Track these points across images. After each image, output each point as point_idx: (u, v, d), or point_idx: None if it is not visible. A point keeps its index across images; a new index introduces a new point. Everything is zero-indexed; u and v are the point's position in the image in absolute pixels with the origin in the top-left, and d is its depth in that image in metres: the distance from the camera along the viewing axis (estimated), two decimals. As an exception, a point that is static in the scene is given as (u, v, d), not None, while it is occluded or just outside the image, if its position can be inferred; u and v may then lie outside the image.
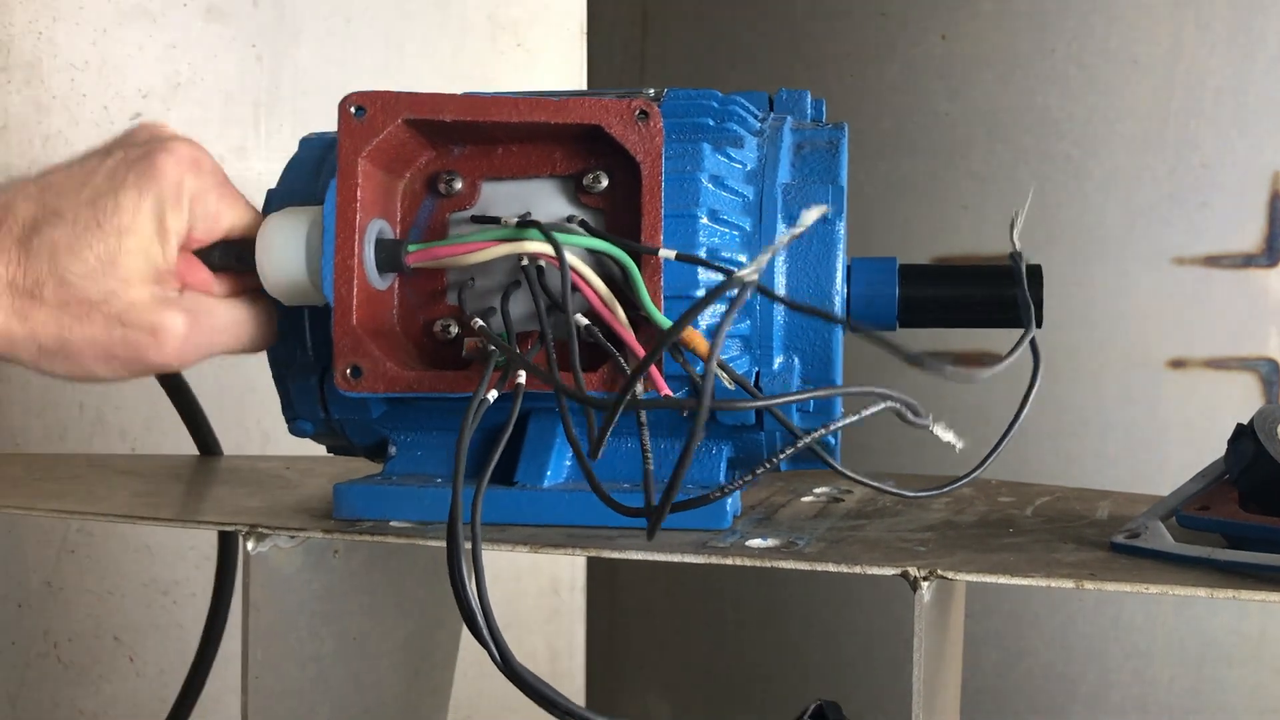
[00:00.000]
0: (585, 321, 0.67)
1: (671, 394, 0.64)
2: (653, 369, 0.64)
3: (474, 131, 0.71)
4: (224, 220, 0.69)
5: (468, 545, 0.58)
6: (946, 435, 0.62)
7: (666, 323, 0.65)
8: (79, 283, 0.63)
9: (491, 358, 0.66)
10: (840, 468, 0.65)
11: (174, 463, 1.03)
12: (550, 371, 0.65)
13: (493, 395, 0.64)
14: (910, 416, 0.61)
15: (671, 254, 0.66)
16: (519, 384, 0.65)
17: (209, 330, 0.68)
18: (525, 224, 0.67)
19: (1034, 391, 0.68)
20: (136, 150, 0.66)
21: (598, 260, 0.68)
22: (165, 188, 0.65)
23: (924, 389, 1.25)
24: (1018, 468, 1.17)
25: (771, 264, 0.70)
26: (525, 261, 0.67)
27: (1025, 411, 0.67)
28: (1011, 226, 0.71)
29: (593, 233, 0.68)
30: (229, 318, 0.70)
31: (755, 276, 0.58)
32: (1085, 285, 1.18)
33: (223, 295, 0.71)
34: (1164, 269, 1.16)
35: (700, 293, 0.68)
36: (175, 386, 1.04)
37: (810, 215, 0.60)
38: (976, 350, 1.12)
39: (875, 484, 0.66)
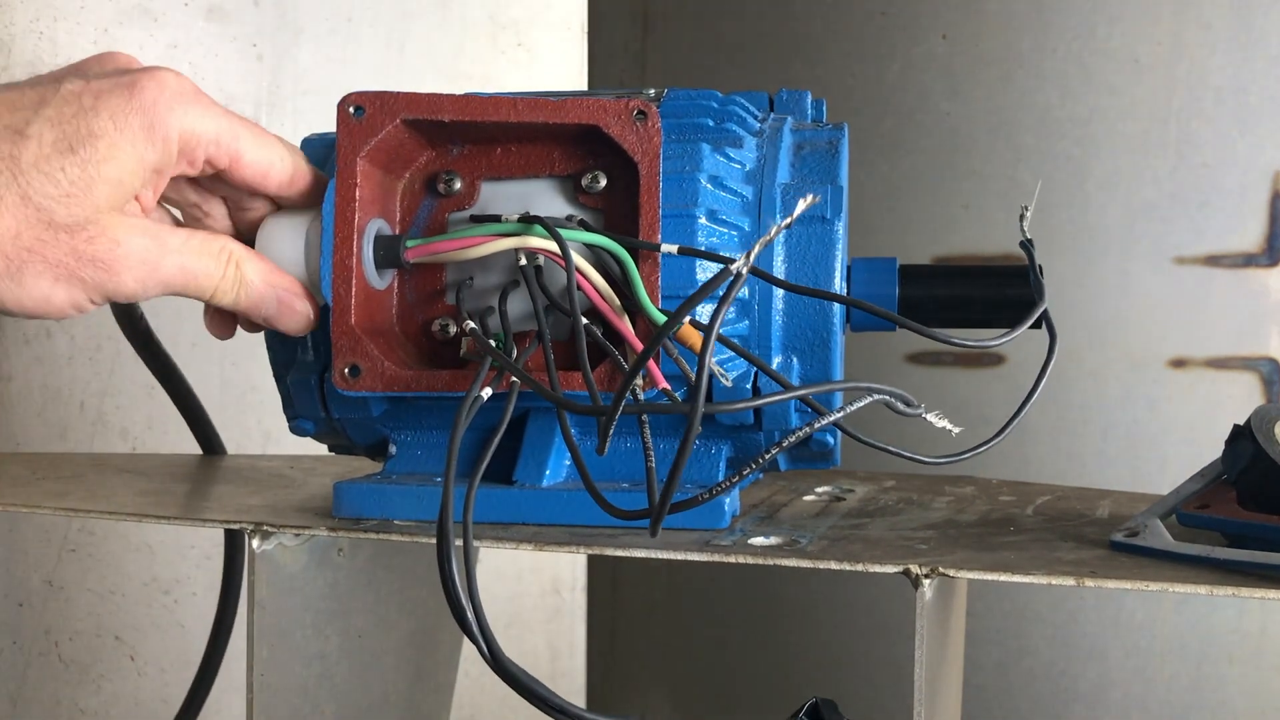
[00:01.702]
0: (584, 320, 0.67)
1: (670, 389, 0.64)
2: (651, 366, 0.64)
3: (473, 131, 0.71)
4: (224, 142, 0.66)
5: (459, 542, 0.58)
6: (940, 422, 0.62)
7: (663, 319, 0.65)
8: (46, 204, 0.61)
9: (487, 356, 0.66)
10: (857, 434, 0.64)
11: (176, 462, 1.03)
12: (549, 374, 0.65)
13: (487, 393, 0.64)
14: (901, 407, 0.61)
15: (674, 248, 0.66)
16: (513, 382, 0.65)
17: (177, 267, 0.65)
18: (526, 219, 0.67)
19: (1052, 362, 0.67)
20: (106, 81, 0.63)
21: (597, 258, 0.68)
22: (147, 118, 0.62)
23: (925, 389, 1.25)
24: (1019, 467, 1.17)
25: (770, 264, 0.70)
26: (524, 261, 0.67)
27: (1045, 379, 0.66)
28: (1021, 219, 0.71)
29: (592, 231, 0.68)
30: (188, 249, 0.66)
31: (746, 267, 0.58)
32: (1086, 284, 1.18)
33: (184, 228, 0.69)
34: (1165, 268, 1.16)
35: (700, 292, 0.68)
36: (176, 386, 1.04)
37: (801, 205, 0.61)
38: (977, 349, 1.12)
39: (895, 450, 0.65)
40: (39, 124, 0.61)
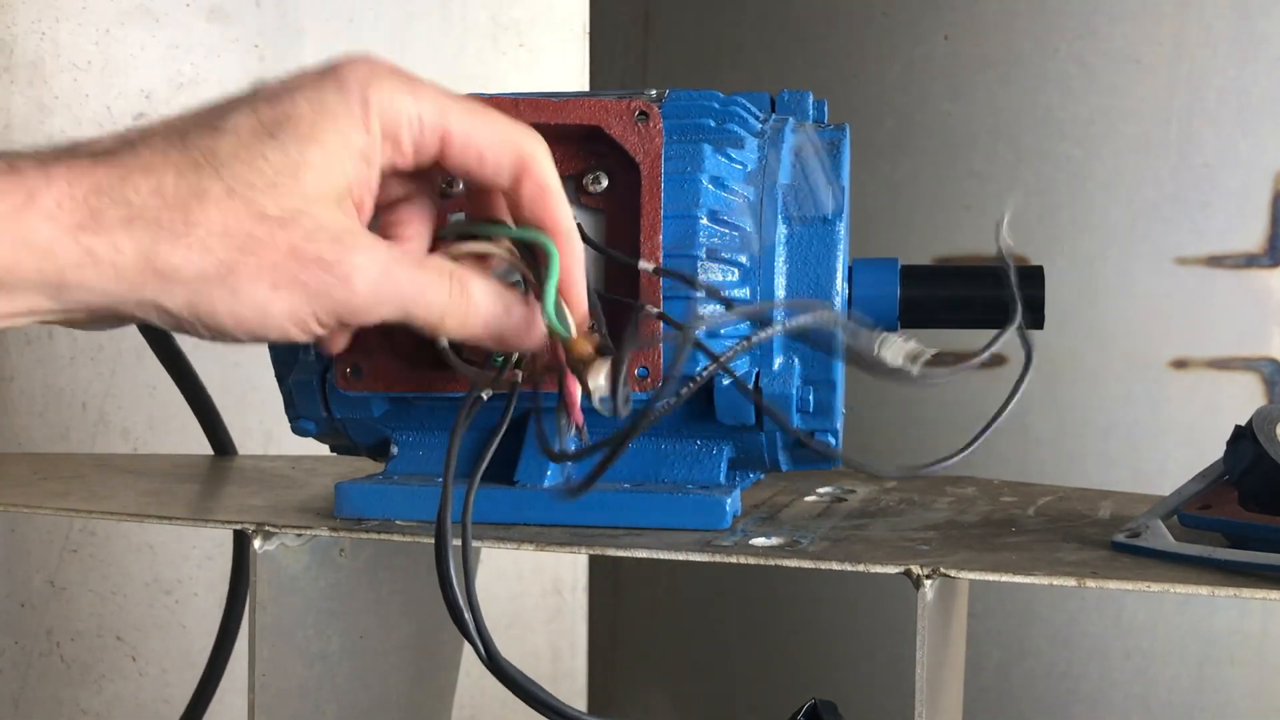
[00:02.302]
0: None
1: (582, 424, 0.63)
2: (571, 393, 0.61)
3: (476, 132, 0.71)
4: (426, 116, 0.57)
5: (458, 542, 0.58)
6: (898, 360, 0.59)
7: (560, 329, 0.59)
8: (252, 195, 0.53)
9: (489, 357, 0.65)
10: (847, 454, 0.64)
11: (178, 462, 1.03)
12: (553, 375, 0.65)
13: (487, 394, 0.64)
14: (850, 339, 0.58)
15: (650, 266, 0.65)
16: (514, 383, 0.65)
17: (407, 279, 0.57)
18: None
19: (1027, 378, 0.66)
20: (301, 74, 0.57)
21: (601, 260, 0.68)
22: (344, 95, 0.55)
23: (926, 389, 1.25)
24: (1020, 468, 1.17)
25: (771, 265, 0.70)
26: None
27: (1020, 391, 0.66)
28: (998, 228, 0.71)
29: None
30: (409, 259, 0.58)
31: (695, 334, 0.56)
32: (1087, 285, 1.18)
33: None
34: (1166, 269, 1.16)
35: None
36: (189, 385, 1.04)
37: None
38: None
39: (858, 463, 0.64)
40: (234, 117, 0.55)
